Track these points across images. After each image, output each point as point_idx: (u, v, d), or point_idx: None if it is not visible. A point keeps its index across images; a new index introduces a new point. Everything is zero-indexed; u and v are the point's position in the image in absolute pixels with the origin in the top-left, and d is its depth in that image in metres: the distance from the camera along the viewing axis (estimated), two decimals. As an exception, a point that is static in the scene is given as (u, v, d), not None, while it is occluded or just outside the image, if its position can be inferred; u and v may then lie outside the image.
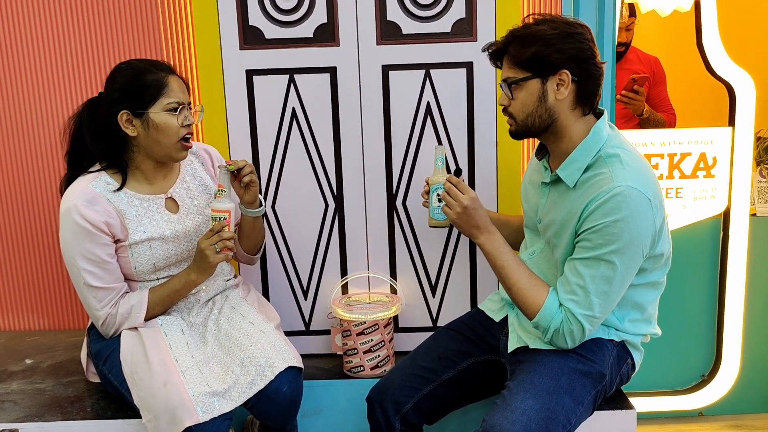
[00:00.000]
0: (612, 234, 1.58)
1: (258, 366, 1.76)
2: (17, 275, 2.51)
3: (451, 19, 2.07)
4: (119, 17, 2.29)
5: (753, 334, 2.71)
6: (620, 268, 1.60)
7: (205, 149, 2.04)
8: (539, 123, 1.69)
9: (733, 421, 2.75)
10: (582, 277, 1.62)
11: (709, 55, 2.56)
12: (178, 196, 1.93)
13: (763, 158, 2.84)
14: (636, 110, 2.94)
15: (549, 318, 1.66)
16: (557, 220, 1.72)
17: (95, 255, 1.79)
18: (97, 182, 1.83)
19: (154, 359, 1.75)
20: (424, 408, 1.83)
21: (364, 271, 2.24)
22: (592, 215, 1.61)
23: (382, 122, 2.14)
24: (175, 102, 1.80)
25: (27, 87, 2.36)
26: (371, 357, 2.09)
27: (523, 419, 1.56)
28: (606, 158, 1.66)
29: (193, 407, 1.65)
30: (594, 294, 1.61)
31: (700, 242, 2.67)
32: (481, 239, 1.75)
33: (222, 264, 2.01)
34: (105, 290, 1.83)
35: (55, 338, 2.44)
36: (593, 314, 1.63)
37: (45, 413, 1.87)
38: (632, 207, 1.57)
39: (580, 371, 1.69)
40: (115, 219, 1.81)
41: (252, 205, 1.94)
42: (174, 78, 1.83)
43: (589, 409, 1.71)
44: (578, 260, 1.64)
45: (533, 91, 1.66)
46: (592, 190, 1.63)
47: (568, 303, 1.64)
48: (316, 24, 2.08)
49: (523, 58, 1.65)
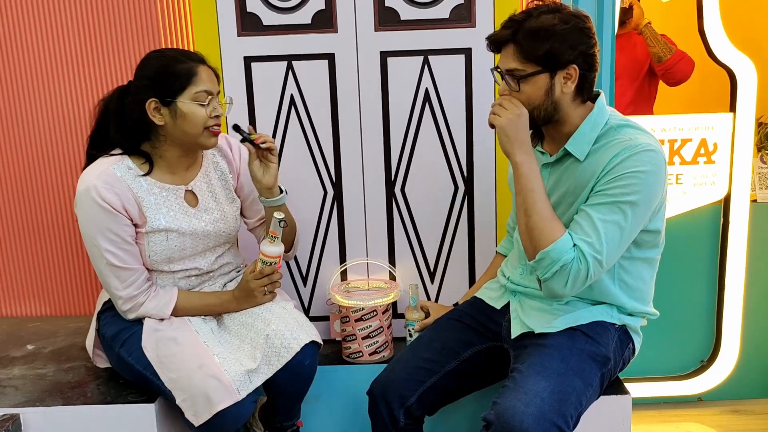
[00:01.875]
0: (632, 184, 1.58)
1: (283, 339, 1.80)
2: (19, 261, 2.52)
3: (449, 5, 2.06)
4: (117, 4, 2.29)
5: (752, 319, 2.72)
6: (631, 220, 1.60)
7: (227, 140, 2.01)
8: (543, 115, 1.68)
9: (732, 406, 2.76)
10: (594, 221, 1.60)
11: (711, 41, 2.55)
12: (199, 189, 1.92)
13: (764, 144, 2.83)
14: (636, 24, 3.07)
15: (561, 251, 1.59)
16: (569, 190, 1.71)
17: (117, 235, 1.80)
18: (119, 165, 1.82)
19: (185, 342, 1.77)
20: (428, 400, 1.83)
21: (362, 258, 2.24)
22: (614, 168, 1.60)
23: (380, 109, 2.13)
24: (203, 91, 1.79)
25: (28, 73, 2.36)
26: (370, 343, 2.10)
27: (537, 401, 1.55)
28: (617, 127, 1.68)
29: (233, 388, 1.70)
30: (605, 239, 1.59)
31: (700, 228, 2.67)
32: (520, 158, 1.65)
33: (231, 256, 2.03)
34: (128, 270, 1.83)
35: (56, 324, 2.45)
36: (601, 258, 1.59)
37: (46, 398, 1.89)
38: (654, 164, 1.59)
39: (588, 353, 1.69)
40: (133, 205, 1.81)
41: (271, 192, 1.92)
42: (203, 68, 1.81)
43: (597, 392, 1.71)
44: (591, 206, 1.62)
45: (541, 86, 1.65)
46: (610, 151, 1.63)
47: (580, 242, 1.60)
48: (314, 10, 2.07)
49: (537, 54, 1.62)
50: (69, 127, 2.39)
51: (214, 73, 1.85)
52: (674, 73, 3.05)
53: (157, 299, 1.87)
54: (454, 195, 2.19)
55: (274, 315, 1.86)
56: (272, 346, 1.79)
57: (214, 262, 1.97)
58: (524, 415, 1.52)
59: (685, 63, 3.02)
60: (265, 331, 1.81)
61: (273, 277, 1.89)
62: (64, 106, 2.37)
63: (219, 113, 1.83)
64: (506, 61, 1.67)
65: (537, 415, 1.52)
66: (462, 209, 2.20)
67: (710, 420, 2.67)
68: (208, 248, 1.94)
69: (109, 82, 2.34)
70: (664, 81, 3.14)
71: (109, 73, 2.34)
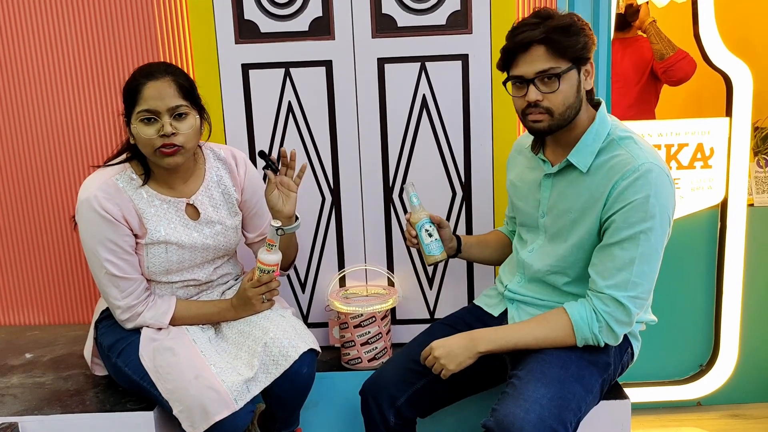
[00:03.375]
0: (645, 211, 1.58)
1: (281, 347, 1.79)
2: (17, 270, 2.52)
3: (446, 11, 2.07)
4: (115, 12, 2.29)
5: (751, 323, 2.72)
6: (655, 245, 1.61)
7: (233, 154, 1.97)
8: (573, 114, 1.67)
9: (731, 410, 2.76)
10: (620, 260, 1.61)
11: (706, 46, 2.56)
12: (200, 203, 1.90)
13: (760, 148, 2.84)
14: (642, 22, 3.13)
15: (585, 327, 1.65)
16: (574, 207, 1.70)
17: (117, 245, 1.79)
18: (121, 176, 1.82)
19: (181, 352, 1.77)
20: (418, 402, 1.83)
21: (361, 264, 2.24)
22: (622, 195, 1.61)
23: (378, 115, 2.14)
24: (144, 110, 1.72)
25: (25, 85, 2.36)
26: (369, 349, 2.10)
27: (536, 407, 1.54)
28: (619, 140, 1.67)
29: (230, 398, 1.69)
30: (636, 275, 1.60)
31: (697, 233, 2.67)
32: (481, 347, 1.68)
33: (230, 266, 2.04)
34: (127, 280, 1.83)
35: (54, 332, 2.45)
36: (637, 294, 1.62)
37: (45, 406, 1.88)
38: (659, 183, 1.60)
39: (588, 360, 1.69)
40: (134, 216, 1.81)
41: (290, 220, 1.89)
42: (150, 84, 1.72)
43: (597, 398, 1.71)
44: (612, 245, 1.62)
45: (573, 83, 1.64)
46: (614, 171, 1.63)
47: (609, 290, 1.62)
48: (311, 17, 2.08)
49: (574, 48, 1.61)
50: (67, 139, 2.39)
51: (177, 86, 1.75)
52: (675, 72, 3.07)
53: (155, 309, 1.87)
54: (452, 200, 2.19)
55: (272, 323, 1.85)
56: (270, 354, 1.79)
57: (212, 273, 1.97)
58: (524, 421, 1.52)
59: (686, 62, 3.04)
60: (263, 339, 1.81)
61: (271, 285, 1.89)
62: (61, 118, 2.38)
63: (167, 132, 1.72)
64: (537, 63, 1.62)
65: (536, 422, 1.52)
66: (460, 215, 2.20)
67: (709, 424, 2.67)
68: (207, 260, 1.94)
69: (106, 93, 2.35)
70: (665, 80, 3.15)
71: (106, 83, 2.35)
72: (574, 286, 1.75)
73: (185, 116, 1.76)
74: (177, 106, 1.74)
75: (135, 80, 1.75)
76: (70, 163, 2.41)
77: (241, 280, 1.98)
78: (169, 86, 1.74)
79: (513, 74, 1.67)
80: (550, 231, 1.78)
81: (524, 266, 1.83)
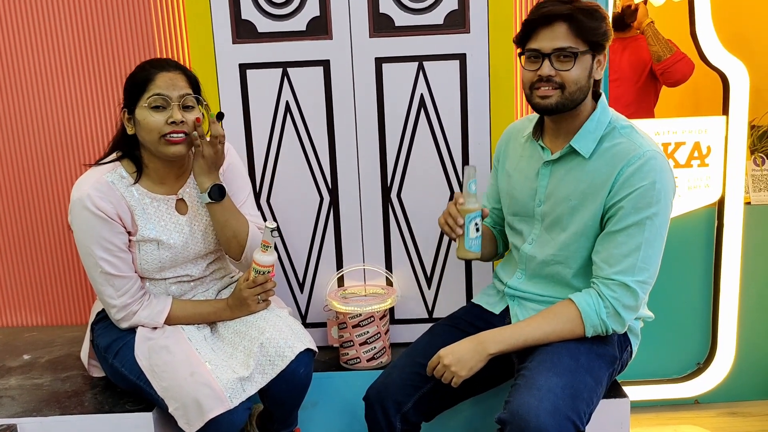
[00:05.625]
0: (651, 197, 1.61)
1: (278, 347, 1.78)
2: (14, 271, 2.51)
3: (443, 11, 2.07)
4: (111, 13, 2.29)
5: (748, 321, 2.72)
6: (659, 229, 1.63)
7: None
8: (580, 97, 1.68)
9: (728, 408, 2.76)
10: (627, 246, 1.63)
11: (703, 44, 2.56)
12: (188, 197, 1.91)
13: (757, 146, 2.84)
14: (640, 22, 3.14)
15: (593, 315, 1.66)
16: (574, 194, 1.71)
17: (112, 243, 1.79)
18: (113, 174, 1.82)
19: (176, 350, 1.77)
20: (425, 406, 1.82)
21: (359, 264, 2.24)
22: (629, 181, 1.63)
23: (375, 115, 2.14)
24: (155, 95, 1.74)
25: (23, 83, 2.36)
26: (367, 349, 2.10)
27: (550, 396, 1.53)
28: (621, 129, 1.70)
29: (224, 395, 1.68)
30: (642, 260, 1.62)
31: (695, 231, 2.67)
32: (491, 349, 1.68)
33: (223, 262, 2.04)
34: (122, 278, 1.83)
35: (52, 334, 2.44)
36: (644, 279, 1.64)
37: (43, 408, 1.88)
38: (662, 170, 1.63)
39: (596, 352, 1.69)
40: (126, 213, 1.81)
41: (203, 185, 1.83)
42: (163, 74, 1.76)
43: (603, 392, 1.71)
44: (618, 231, 1.64)
45: (587, 66, 1.66)
46: (618, 158, 1.65)
47: (617, 276, 1.63)
48: (308, 17, 2.08)
49: (596, 31, 1.63)
50: (64, 137, 2.39)
51: (187, 80, 1.80)
52: (673, 73, 3.08)
53: (151, 308, 1.87)
54: (451, 200, 2.19)
55: (269, 323, 1.85)
56: (266, 354, 1.78)
57: (205, 268, 1.97)
58: (538, 410, 1.50)
59: (684, 64, 3.05)
60: (259, 339, 1.80)
61: (266, 286, 1.89)
62: (59, 119, 2.37)
63: (177, 120, 1.74)
64: (556, 40, 1.63)
65: (551, 410, 1.51)
66: (458, 214, 2.20)
67: (707, 422, 2.67)
68: (199, 255, 1.94)
69: (104, 91, 2.35)
70: (663, 81, 3.16)
71: (104, 81, 2.34)
72: (576, 279, 1.75)
73: (192, 108, 1.80)
74: (187, 95, 1.78)
75: (145, 70, 1.78)
76: (68, 165, 2.41)
77: (237, 280, 1.97)
78: (180, 78, 1.79)
79: (530, 47, 1.67)
80: (547, 219, 1.78)
81: (526, 260, 1.83)
